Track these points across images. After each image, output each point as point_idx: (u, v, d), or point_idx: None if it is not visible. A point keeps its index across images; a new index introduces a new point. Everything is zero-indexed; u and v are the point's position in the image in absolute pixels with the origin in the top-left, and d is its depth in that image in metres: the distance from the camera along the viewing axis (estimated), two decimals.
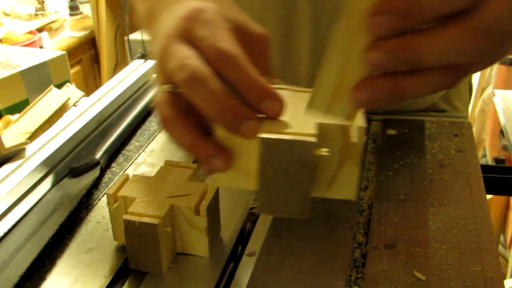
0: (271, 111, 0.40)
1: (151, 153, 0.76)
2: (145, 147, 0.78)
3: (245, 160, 0.40)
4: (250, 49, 0.43)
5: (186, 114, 0.42)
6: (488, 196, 0.78)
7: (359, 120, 0.39)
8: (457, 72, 0.36)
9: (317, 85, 0.37)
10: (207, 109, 0.40)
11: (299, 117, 0.40)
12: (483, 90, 2.31)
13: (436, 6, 0.33)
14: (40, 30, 2.38)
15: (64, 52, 1.04)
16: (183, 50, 0.42)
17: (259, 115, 0.40)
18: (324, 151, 0.39)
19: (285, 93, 0.43)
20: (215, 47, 0.40)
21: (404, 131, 0.78)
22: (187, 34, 0.43)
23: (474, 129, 1.66)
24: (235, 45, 0.41)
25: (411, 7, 0.33)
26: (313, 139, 0.38)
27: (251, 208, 0.62)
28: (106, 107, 0.82)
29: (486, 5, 0.33)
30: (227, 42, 0.41)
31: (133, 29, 2.48)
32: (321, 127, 0.39)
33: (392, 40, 0.34)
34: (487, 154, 2.17)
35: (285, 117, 0.40)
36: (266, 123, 0.39)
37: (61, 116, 0.82)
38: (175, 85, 0.42)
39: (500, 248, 1.97)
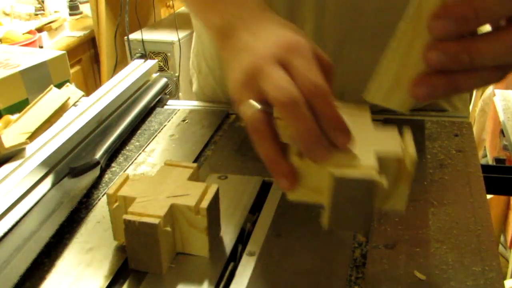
0: (341, 143, 0.46)
1: (151, 153, 0.76)
2: (145, 147, 0.78)
3: (316, 180, 0.46)
4: None
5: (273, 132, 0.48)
6: (488, 196, 0.78)
7: (412, 150, 0.45)
8: (505, 70, 0.40)
9: (377, 75, 0.41)
10: (296, 130, 0.46)
11: (359, 141, 0.45)
12: (484, 90, 2.31)
13: (492, 13, 0.38)
14: (39, 30, 2.38)
15: (64, 52, 1.04)
16: (282, 75, 0.47)
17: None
18: (384, 184, 0.44)
19: (346, 117, 0.48)
20: (311, 80, 0.46)
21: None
22: (283, 61, 0.48)
23: (474, 129, 1.65)
24: (324, 81, 0.47)
25: (471, 13, 0.37)
26: (377, 177, 0.43)
27: (251, 211, 0.62)
28: (106, 107, 0.82)
29: None
30: (320, 78, 0.47)
31: (133, 29, 2.48)
32: (380, 158, 0.45)
33: (451, 42, 0.38)
34: (488, 154, 2.17)
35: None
36: (336, 154, 0.45)
37: (61, 116, 0.82)
38: (269, 102, 0.47)
39: (500, 248, 1.97)
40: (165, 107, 0.92)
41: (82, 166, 0.69)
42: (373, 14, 0.76)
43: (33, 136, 0.76)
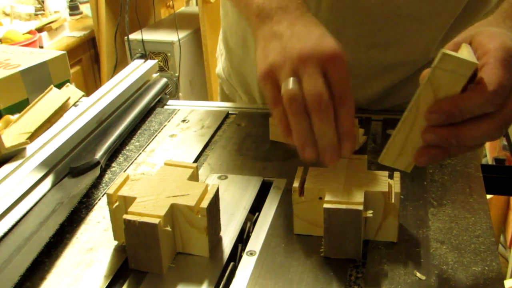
0: (345, 148, 0.56)
1: (151, 153, 0.76)
2: (145, 147, 0.78)
3: (314, 215, 0.56)
4: None
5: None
6: (488, 196, 0.78)
7: (397, 188, 0.55)
8: (483, 144, 0.51)
9: (388, 145, 0.54)
10: (317, 128, 0.55)
11: (353, 183, 0.56)
12: None
13: (472, 111, 0.49)
14: (40, 30, 2.38)
15: (64, 52, 1.04)
16: (320, 80, 0.55)
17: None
18: (369, 213, 0.54)
19: (346, 163, 0.60)
20: (346, 94, 0.56)
21: None
22: (323, 66, 0.55)
23: None
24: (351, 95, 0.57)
25: (457, 111, 0.49)
26: (360, 207, 0.52)
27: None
28: (106, 107, 0.82)
29: (505, 106, 0.49)
30: (350, 92, 0.56)
31: (133, 29, 2.48)
32: (368, 194, 0.54)
33: (442, 129, 0.50)
34: (487, 154, 2.17)
35: (342, 184, 0.56)
36: (329, 192, 0.54)
37: (61, 116, 0.82)
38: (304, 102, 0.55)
39: (500, 248, 1.97)
40: (165, 107, 0.92)
41: (82, 166, 0.69)
42: (367, 7, 0.76)
43: (33, 136, 0.76)
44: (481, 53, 0.51)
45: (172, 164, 0.60)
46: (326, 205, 0.52)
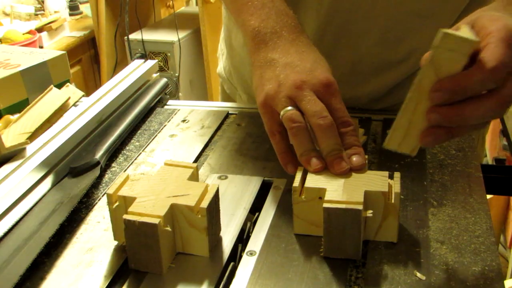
0: (357, 165, 0.58)
1: (151, 153, 0.76)
2: (145, 147, 0.78)
3: (315, 215, 0.56)
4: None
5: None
6: (488, 196, 0.77)
7: (397, 188, 0.54)
8: (487, 122, 0.55)
9: (393, 129, 0.54)
10: (324, 145, 0.58)
11: (353, 183, 0.56)
12: None
13: (474, 88, 0.50)
14: (40, 30, 2.38)
15: (64, 52, 1.04)
16: (321, 105, 0.59)
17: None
18: (369, 213, 0.54)
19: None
20: (345, 118, 0.59)
21: None
22: (321, 95, 0.59)
23: None
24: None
25: (459, 89, 0.50)
26: (360, 207, 0.52)
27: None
28: (106, 107, 0.82)
29: (507, 83, 0.50)
30: (349, 116, 0.60)
31: (133, 29, 2.48)
32: (368, 194, 0.54)
33: (446, 108, 0.51)
34: (487, 154, 2.17)
35: (342, 184, 0.56)
36: (329, 194, 0.54)
37: (61, 116, 0.82)
38: (308, 123, 0.59)
39: (500, 248, 1.97)
40: (165, 107, 0.92)
41: (82, 166, 0.69)
42: (370, 4, 0.76)
43: (33, 136, 0.76)
44: (483, 34, 0.52)
45: (172, 164, 0.60)
46: (326, 205, 0.53)
